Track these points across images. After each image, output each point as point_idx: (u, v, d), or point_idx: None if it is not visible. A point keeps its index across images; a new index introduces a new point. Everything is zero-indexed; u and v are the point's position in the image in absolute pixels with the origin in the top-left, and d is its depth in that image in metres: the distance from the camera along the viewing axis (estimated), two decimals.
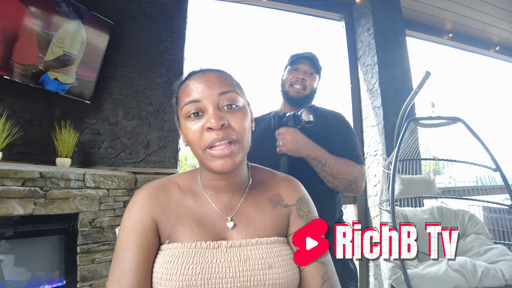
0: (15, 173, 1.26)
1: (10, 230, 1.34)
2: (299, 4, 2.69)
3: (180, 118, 0.60)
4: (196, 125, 0.55)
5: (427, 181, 2.06)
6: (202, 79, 0.58)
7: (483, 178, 2.12)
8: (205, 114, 0.56)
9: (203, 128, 0.55)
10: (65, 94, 1.73)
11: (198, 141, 0.55)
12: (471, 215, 1.91)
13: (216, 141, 0.54)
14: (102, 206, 1.57)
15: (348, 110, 2.76)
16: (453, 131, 2.05)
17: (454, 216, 1.93)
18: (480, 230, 1.83)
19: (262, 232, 0.60)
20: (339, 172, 0.99)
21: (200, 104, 0.56)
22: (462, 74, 6.69)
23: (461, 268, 1.46)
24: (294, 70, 1.19)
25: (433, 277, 1.45)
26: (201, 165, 0.61)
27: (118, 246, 0.57)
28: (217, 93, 0.56)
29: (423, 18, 3.16)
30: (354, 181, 1.01)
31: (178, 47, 2.15)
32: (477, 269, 1.45)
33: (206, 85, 0.57)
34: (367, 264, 2.48)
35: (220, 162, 0.54)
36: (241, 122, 0.57)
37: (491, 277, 1.43)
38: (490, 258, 1.62)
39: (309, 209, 0.66)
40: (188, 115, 0.56)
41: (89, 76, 1.81)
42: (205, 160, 0.56)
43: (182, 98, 0.58)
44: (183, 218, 0.59)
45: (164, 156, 2.00)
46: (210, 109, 0.55)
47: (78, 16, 1.70)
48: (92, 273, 1.48)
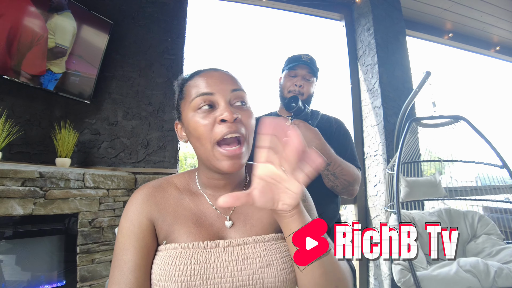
0: (14, 173, 1.26)
1: (10, 230, 1.33)
2: (299, 4, 2.68)
3: (185, 112, 0.59)
4: (207, 118, 0.55)
5: (432, 182, 2.03)
6: (215, 75, 0.59)
7: (483, 177, 2.11)
8: (217, 108, 0.56)
9: (214, 121, 0.55)
10: (65, 94, 1.73)
11: (209, 134, 0.55)
12: (480, 215, 1.87)
13: (228, 134, 0.53)
14: (101, 206, 1.57)
15: (348, 110, 2.75)
16: (454, 130, 2.04)
17: (463, 218, 1.89)
18: (491, 231, 1.78)
19: (259, 229, 0.60)
20: (341, 172, 1.03)
21: (213, 97, 0.56)
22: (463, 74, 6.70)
23: (473, 269, 1.41)
24: (292, 76, 1.21)
25: (443, 279, 1.41)
26: (203, 164, 0.60)
27: (116, 248, 0.57)
28: (230, 89, 0.57)
29: (423, 18, 3.15)
30: (352, 183, 1.05)
31: (178, 47, 2.15)
32: (489, 269, 1.40)
33: (219, 80, 0.58)
34: (367, 264, 2.47)
35: (229, 163, 0.54)
36: (250, 120, 0.58)
37: (505, 277, 1.38)
38: (503, 258, 1.56)
39: (304, 199, 0.66)
40: (198, 107, 0.56)
41: (89, 73, 1.81)
42: (212, 158, 0.55)
43: (192, 90, 0.58)
44: (181, 218, 0.59)
45: (164, 156, 2.00)
46: (222, 103, 0.55)
47: (68, 7, 1.70)
48: (91, 273, 1.48)
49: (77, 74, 1.77)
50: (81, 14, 1.75)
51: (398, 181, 1.74)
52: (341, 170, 1.02)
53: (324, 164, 1.01)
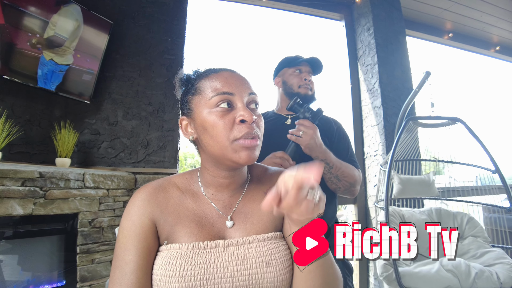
0: (14, 173, 1.26)
1: (10, 230, 1.34)
2: (299, 4, 2.69)
3: (199, 108, 0.58)
4: (225, 117, 0.56)
5: (426, 182, 2.04)
6: (234, 76, 0.60)
7: (483, 178, 2.11)
8: (235, 108, 0.57)
9: (233, 120, 0.56)
10: (65, 94, 1.73)
11: (227, 133, 0.55)
12: (470, 217, 1.88)
13: (248, 134, 0.55)
14: (101, 206, 1.57)
15: (348, 110, 2.75)
16: (453, 131, 2.04)
17: (453, 218, 1.91)
18: (478, 233, 1.80)
19: (259, 227, 0.61)
20: (343, 175, 1.05)
21: (233, 97, 0.57)
22: (462, 74, 6.69)
23: (455, 269, 1.44)
24: (297, 73, 1.22)
25: (424, 276, 1.44)
26: (214, 160, 0.59)
27: (117, 249, 0.57)
28: (248, 92, 0.59)
29: (423, 18, 3.16)
30: (354, 183, 1.08)
31: (178, 47, 2.15)
32: (471, 270, 1.43)
33: (239, 82, 0.59)
34: (367, 264, 2.48)
35: (246, 153, 0.55)
36: (262, 123, 0.60)
37: (485, 279, 1.41)
38: (487, 261, 1.59)
39: None
40: (217, 105, 0.56)
41: (89, 68, 1.81)
42: (229, 151, 0.55)
43: (210, 88, 0.58)
44: (182, 218, 0.59)
45: (164, 156, 2.00)
46: (240, 104, 0.57)
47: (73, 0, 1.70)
48: (91, 273, 1.48)
49: (90, 72, 1.79)
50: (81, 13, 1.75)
51: (389, 178, 1.75)
52: (342, 172, 1.05)
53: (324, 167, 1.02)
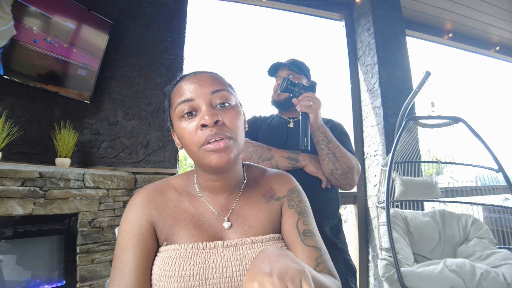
0: (14, 173, 1.26)
1: (10, 230, 1.33)
2: (299, 4, 2.69)
3: (173, 120, 0.59)
4: (191, 125, 0.55)
5: (429, 183, 2.00)
6: (194, 79, 0.58)
7: (484, 178, 2.11)
8: (199, 113, 0.56)
9: (197, 126, 0.54)
10: (64, 94, 1.73)
11: (194, 140, 0.54)
12: (474, 219, 1.85)
13: (210, 137, 0.53)
14: (101, 206, 1.57)
15: (348, 110, 2.75)
16: (454, 131, 2.03)
17: (457, 220, 1.87)
18: (483, 235, 1.76)
19: (257, 229, 0.61)
20: (341, 154, 1.02)
21: (193, 103, 0.55)
22: (462, 74, 6.68)
23: (459, 269, 1.40)
24: (275, 78, 1.28)
25: (427, 276, 1.40)
26: (197, 166, 0.61)
27: (117, 250, 0.58)
28: (209, 92, 0.56)
29: (423, 18, 3.16)
30: (351, 169, 1.04)
31: (178, 47, 2.15)
32: (476, 271, 1.38)
33: (198, 85, 0.57)
34: (367, 264, 2.48)
35: (216, 156, 0.53)
36: (235, 121, 0.57)
37: (491, 280, 1.36)
38: (493, 262, 1.54)
39: (300, 199, 0.66)
40: (181, 115, 0.56)
41: (85, 63, 1.80)
42: (201, 158, 0.55)
43: (175, 99, 0.58)
44: (180, 220, 0.60)
45: (164, 156, 2.00)
46: (204, 107, 0.55)
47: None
48: (91, 273, 1.48)
49: (85, 67, 1.77)
50: (81, 14, 1.75)
51: (390, 178, 1.73)
52: (340, 151, 1.02)
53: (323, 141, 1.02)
